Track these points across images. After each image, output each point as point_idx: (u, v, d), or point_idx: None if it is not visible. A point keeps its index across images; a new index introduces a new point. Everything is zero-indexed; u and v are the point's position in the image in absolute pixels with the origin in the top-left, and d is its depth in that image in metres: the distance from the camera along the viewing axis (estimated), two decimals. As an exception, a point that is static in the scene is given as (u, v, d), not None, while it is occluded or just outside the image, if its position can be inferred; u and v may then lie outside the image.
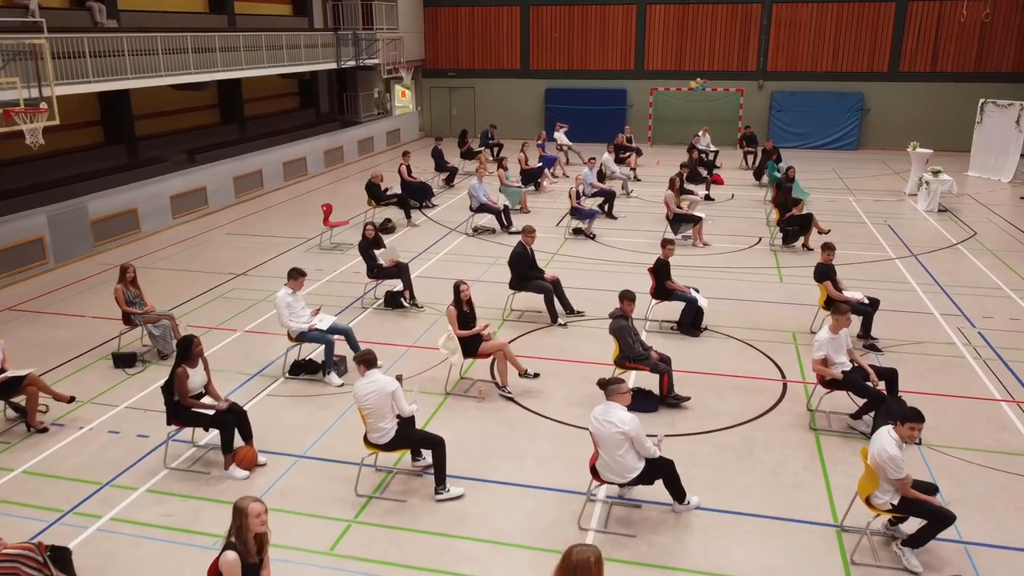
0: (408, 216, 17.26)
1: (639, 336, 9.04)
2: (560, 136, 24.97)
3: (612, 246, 15.55)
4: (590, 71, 29.57)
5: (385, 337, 11.02)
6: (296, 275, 9.75)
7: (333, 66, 24.46)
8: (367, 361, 7.05)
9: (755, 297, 12.60)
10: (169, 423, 7.73)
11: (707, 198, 19.14)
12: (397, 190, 17.42)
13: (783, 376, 9.76)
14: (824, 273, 10.58)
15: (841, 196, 20.28)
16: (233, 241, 16.14)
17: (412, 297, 12.08)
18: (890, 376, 8.58)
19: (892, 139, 27.43)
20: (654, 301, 11.25)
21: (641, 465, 6.58)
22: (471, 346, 9.16)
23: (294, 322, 9.62)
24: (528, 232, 11.50)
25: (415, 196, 18.46)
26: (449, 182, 21.51)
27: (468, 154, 23.72)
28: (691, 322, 11.06)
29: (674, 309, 11.35)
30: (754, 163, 24.07)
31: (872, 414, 8.29)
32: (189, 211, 17.81)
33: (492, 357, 9.37)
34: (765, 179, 21.36)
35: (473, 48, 30.61)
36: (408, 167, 18.75)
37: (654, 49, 28.85)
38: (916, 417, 5.99)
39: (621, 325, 8.75)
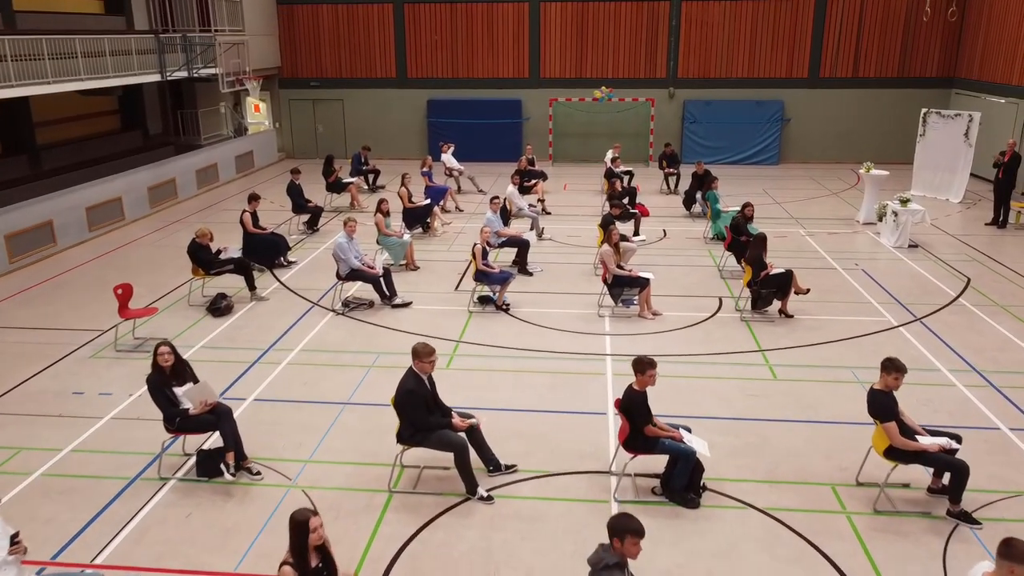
0: (252, 287, 12.56)
1: (641, 589, 4.99)
2: (448, 159, 20.71)
3: (535, 323, 11.47)
4: (479, 79, 25.41)
5: (186, 554, 6.47)
6: None
7: (156, 78, 19.22)
8: None
9: (752, 413, 8.80)
10: None
11: (640, 241, 15.48)
12: (234, 252, 12.63)
13: (860, 600, 5.96)
14: (887, 408, 6.81)
15: (789, 228, 17.02)
16: (-15, 342, 11.01)
17: (241, 458, 7.55)
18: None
19: (815, 152, 24.85)
20: (628, 455, 7.22)
21: None
22: (330, 635, 4.85)
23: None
24: (424, 356, 7.07)
25: (263, 256, 13.78)
26: (312, 226, 16.84)
27: (336, 186, 19.06)
28: (686, 484, 7.12)
29: (653, 461, 7.37)
30: (676, 186, 20.77)
31: None
32: (-74, 293, 12.46)
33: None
34: (697, 208, 17.99)
35: (340, 53, 25.85)
36: (254, 215, 14.03)
37: (551, 54, 25.03)
38: None
39: (616, 590, 4.66)
